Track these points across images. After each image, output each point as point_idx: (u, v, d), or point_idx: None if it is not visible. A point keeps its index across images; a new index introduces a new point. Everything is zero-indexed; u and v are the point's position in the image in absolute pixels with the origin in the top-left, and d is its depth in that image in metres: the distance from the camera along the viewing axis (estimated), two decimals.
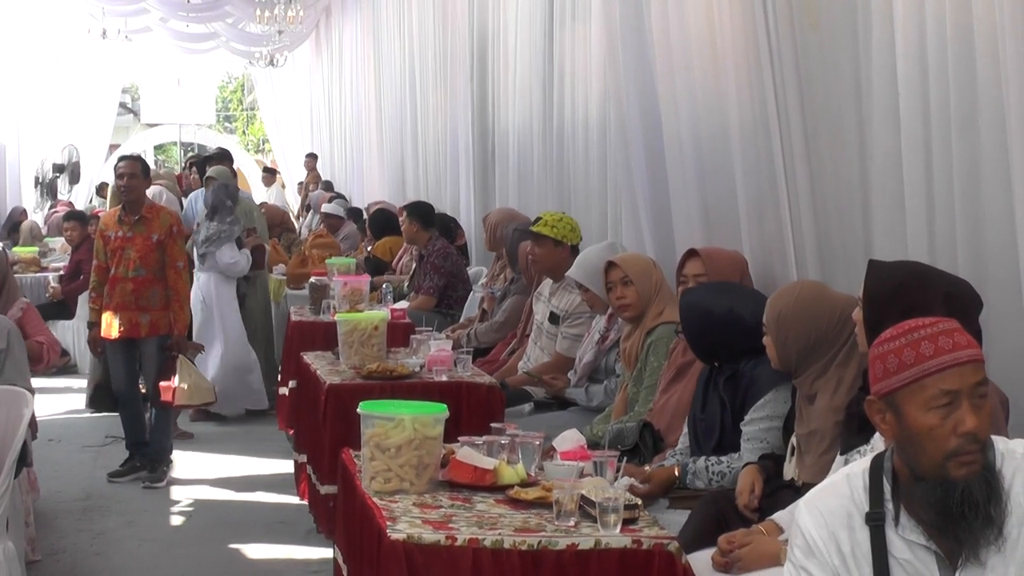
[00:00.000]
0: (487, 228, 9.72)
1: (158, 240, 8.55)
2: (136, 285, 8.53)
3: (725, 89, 6.34)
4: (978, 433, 2.82)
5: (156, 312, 8.57)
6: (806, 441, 4.43)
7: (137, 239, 8.55)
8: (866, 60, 5.12)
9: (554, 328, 7.52)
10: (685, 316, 5.25)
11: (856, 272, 5.04)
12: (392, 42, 17.33)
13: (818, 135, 5.52)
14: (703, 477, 4.92)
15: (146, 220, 8.59)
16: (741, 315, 4.98)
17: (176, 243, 8.65)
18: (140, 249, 8.54)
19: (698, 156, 6.70)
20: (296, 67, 25.43)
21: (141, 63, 29.25)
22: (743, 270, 5.91)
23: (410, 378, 6.60)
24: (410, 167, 16.10)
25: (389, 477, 4.33)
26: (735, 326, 4.98)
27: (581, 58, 8.86)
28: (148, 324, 8.57)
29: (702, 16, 6.54)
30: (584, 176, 8.81)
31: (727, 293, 5.22)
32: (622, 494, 4.02)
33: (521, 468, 4.48)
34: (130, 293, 8.53)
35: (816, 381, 4.45)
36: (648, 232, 7.35)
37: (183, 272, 8.69)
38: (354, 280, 8.96)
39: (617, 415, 6.12)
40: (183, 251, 8.80)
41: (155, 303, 8.56)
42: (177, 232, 8.69)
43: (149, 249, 8.55)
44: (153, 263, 8.56)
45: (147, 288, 8.55)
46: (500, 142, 11.40)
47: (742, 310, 4.99)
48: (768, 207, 6.02)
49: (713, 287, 5.39)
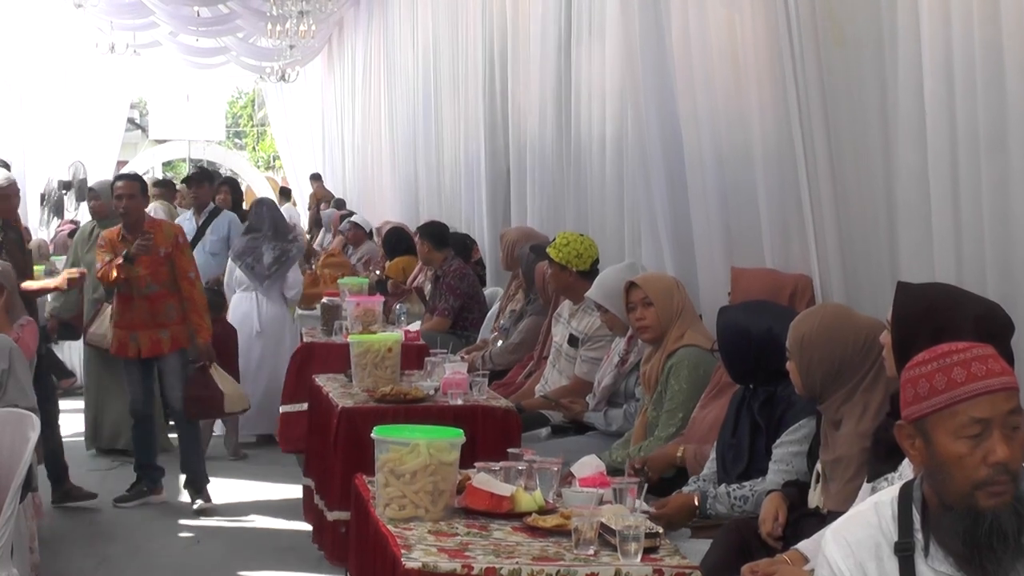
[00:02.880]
0: (504, 246, 9.74)
1: (165, 254, 8.54)
2: (151, 302, 8.53)
3: (748, 106, 6.33)
4: (1009, 463, 2.81)
5: (175, 326, 8.57)
6: (832, 468, 4.41)
7: (143, 257, 8.49)
8: (892, 77, 5.11)
9: (573, 351, 7.51)
10: (722, 335, 5.23)
11: (882, 294, 5.04)
12: (405, 58, 17.37)
13: (843, 154, 5.51)
14: (724, 503, 4.91)
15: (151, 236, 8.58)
16: (779, 335, 4.93)
17: (184, 253, 8.66)
18: (148, 266, 8.49)
19: (720, 174, 6.70)
20: (308, 82, 25.47)
21: (150, 78, 29.30)
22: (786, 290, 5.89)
23: (424, 401, 6.59)
24: (423, 185, 16.11)
25: (404, 504, 4.33)
26: (773, 346, 4.92)
27: (598, 74, 8.86)
28: (170, 339, 8.56)
29: (724, 32, 6.54)
30: (601, 194, 8.81)
31: (765, 312, 5.18)
32: (643, 522, 4.01)
33: (539, 495, 4.47)
34: (147, 311, 8.52)
35: (842, 407, 4.44)
36: (668, 252, 7.35)
37: (197, 281, 8.72)
38: (367, 300, 8.96)
39: (637, 440, 6.12)
40: (192, 260, 8.82)
41: (172, 317, 8.56)
42: (183, 242, 8.71)
43: (158, 264, 8.52)
44: (164, 277, 8.55)
45: (163, 303, 8.54)
46: (516, 160, 11.40)
47: (780, 330, 4.94)
48: (792, 227, 6.01)
49: (751, 306, 5.36)
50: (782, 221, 6.11)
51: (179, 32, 22.09)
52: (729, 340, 5.18)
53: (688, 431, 5.71)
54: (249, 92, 43.67)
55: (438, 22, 15.06)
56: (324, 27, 22.06)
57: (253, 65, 24.07)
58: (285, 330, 10.47)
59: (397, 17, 18.03)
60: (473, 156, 13.04)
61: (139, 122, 39.46)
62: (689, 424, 5.76)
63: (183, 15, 20.64)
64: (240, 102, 47.25)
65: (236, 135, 47.71)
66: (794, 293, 5.75)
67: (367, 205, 20.47)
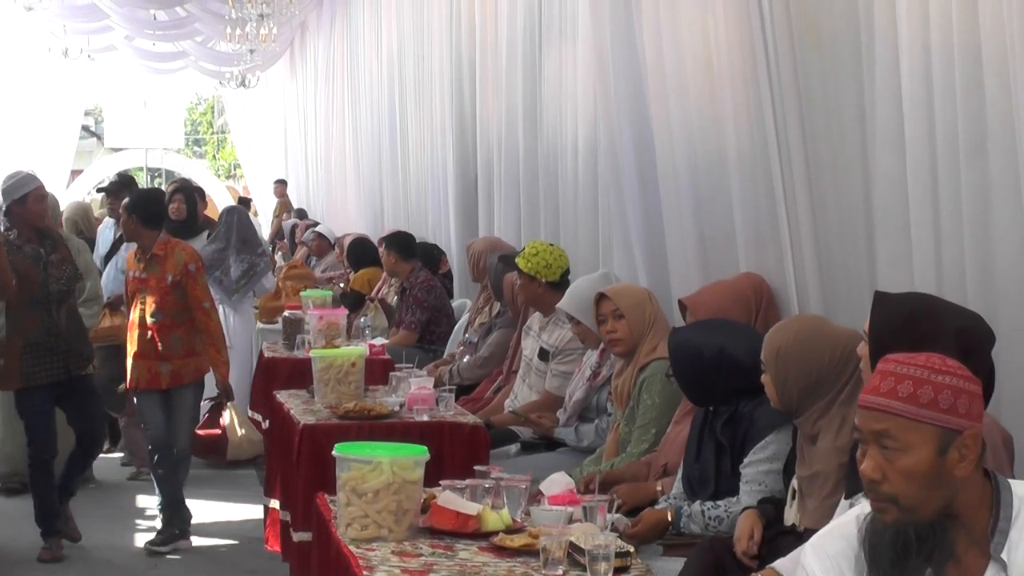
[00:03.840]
0: (470, 257, 9.73)
1: (174, 281, 8.05)
2: (154, 332, 8.07)
3: (722, 112, 6.35)
4: (871, 479, 2.91)
5: (178, 360, 8.10)
6: (808, 484, 4.43)
7: (151, 280, 8.10)
8: (869, 82, 5.13)
9: (544, 365, 7.51)
10: (674, 358, 5.24)
11: (860, 304, 5.06)
12: (370, 62, 17.36)
13: (819, 160, 5.53)
14: (699, 522, 4.91)
15: (158, 258, 8.11)
16: (733, 354, 4.97)
17: (196, 281, 8.12)
18: (155, 291, 8.08)
19: (694, 182, 6.72)
20: (269, 88, 25.42)
21: (105, 84, 29.24)
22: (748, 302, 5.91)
23: (389, 418, 6.59)
24: (389, 194, 16.10)
25: (366, 524, 4.33)
26: (728, 365, 4.96)
27: (569, 79, 8.87)
28: (169, 374, 8.10)
29: (697, 35, 6.56)
30: (573, 203, 8.82)
31: (717, 331, 5.19)
32: (613, 541, 4.01)
33: (506, 514, 4.48)
34: (149, 340, 8.07)
35: (818, 421, 4.45)
36: (641, 262, 7.36)
37: (212, 311, 8.21)
38: (330, 313, 8.95)
39: (609, 456, 6.12)
40: (206, 290, 8.29)
41: (177, 350, 8.10)
42: (196, 269, 8.14)
43: (165, 291, 8.08)
44: (171, 306, 8.08)
45: (167, 335, 8.07)
46: (484, 167, 11.40)
47: (734, 348, 4.98)
48: (767, 235, 6.03)
49: (701, 325, 5.38)
50: (757, 229, 6.12)
51: (135, 36, 22.02)
52: (682, 362, 5.17)
53: (661, 447, 5.71)
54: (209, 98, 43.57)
55: (403, 25, 15.06)
56: (286, 30, 22.02)
57: (212, 70, 24.01)
58: (253, 344, 10.39)
59: (361, 20, 18.01)
60: (440, 164, 13.04)
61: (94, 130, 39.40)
62: (662, 440, 5.76)
63: (139, 18, 20.59)
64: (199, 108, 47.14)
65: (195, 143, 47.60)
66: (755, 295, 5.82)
67: (331, 215, 20.45)
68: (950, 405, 2.89)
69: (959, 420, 2.89)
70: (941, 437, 2.89)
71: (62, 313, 7.88)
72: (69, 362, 7.90)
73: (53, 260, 7.89)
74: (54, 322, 7.84)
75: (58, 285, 7.87)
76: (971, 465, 2.91)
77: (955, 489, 2.91)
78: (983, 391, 3.90)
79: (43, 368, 7.82)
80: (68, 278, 7.95)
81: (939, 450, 2.88)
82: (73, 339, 7.91)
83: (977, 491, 2.95)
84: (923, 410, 2.89)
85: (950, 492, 2.91)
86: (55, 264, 7.89)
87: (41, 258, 7.86)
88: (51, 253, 7.90)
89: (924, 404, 2.89)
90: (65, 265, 7.94)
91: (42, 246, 7.91)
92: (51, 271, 7.85)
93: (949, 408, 2.89)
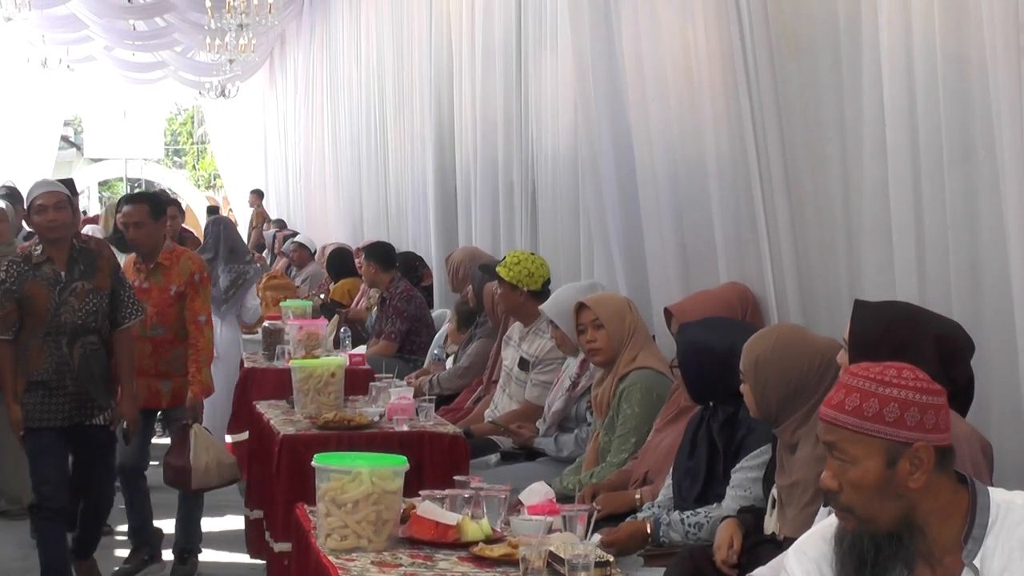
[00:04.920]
0: (449, 268, 9.73)
1: (177, 292, 7.53)
2: (155, 346, 7.52)
3: (701, 119, 6.36)
4: (828, 488, 2.98)
5: (180, 378, 7.54)
6: (788, 493, 4.42)
7: (153, 290, 7.54)
8: (849, 89, 5.14)
9: (524, 374, 7.51)
10: (684, 353, 5.22)
11: (840, 313, 5.07)
12: (349, 72, 17.36)
13: (799, 168, 5.54)
14: (679, 530, 4.91)
15: (163, 268, 7.58)
16: None
17: (199, 294, 7.56)
18: (157, 303, 7.51)
19: (673, 190, 6.72)
20: (249, 98, 25.42)
21: (84, 94, 29.23)
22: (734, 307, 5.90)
23: (369, 428, 6.58)
24: (369, 204, 16.10)
25: (346, 534, 4.31)
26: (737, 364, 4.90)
27: (549, 87, 8.88)
28: (170, 393, 7.58)
29: (677, 43, 6.57)
30: (553, 212, 8.82)
31: (729, 329, 5.17)
32: (592, 551, 4.01)
33: (486, 523, 4.46)
34: (148, 356, 7.47)
35: (797, 430, 4.44)
36: (621, 270, 7.36)
37: (205, 327, 7.56)
38: (310, 324, 8.92)
39: (588, 466, 6.11)
40: (207, 304, 7.67)
41: (178, 367, 7.56)
42: (201, 280, 7.60)
43: (167, 303, 7.53)
44: (173, 319, 7.54)
45: (168, 350, 7.55)
46: (464, 177, 11.40)
47: None
48: (747, 243, 6.03)
49: (714, 323, 5.36)
50: (737, 237, 6.13)
51: (115, 46, 22.04)
52: (691, 358, 5.16)
53: (642, 456, 5.71)
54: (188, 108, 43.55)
55: (382, 35, 15.06)
56: (265, 41, 22.04)
57: (192, 80, 24.02)
58: (239, 355, 10.33)
59: (340, 30, 18.02)
60: (420, 173, 13.04)
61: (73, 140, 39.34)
62: (643, 449, 5.76)
63: (118, 28, 20.60)
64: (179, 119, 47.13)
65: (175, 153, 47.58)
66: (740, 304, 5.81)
67: (311, 225, 20.44)
68: (896, 418, 2.91)
69: (907, 433, 2.91)
70: (888, 450, 2.91)
71: (76, 350, 6.76)
72: (76, 408, 6.82)
73: (77, 288, 6.74)
74: (64, 359, 6.75)
75: (74, 317, 6.74)
76: (924, 476, 2.92)
77: (913, 500, 2.93)
78: (963, 399, 3.91)
79: (47, 410, 6.79)
80: (91, 312, 6.78)
81: (887, 463, 2.91)
82: (87, 382, 6.79)
83: (945, 500, 2.96)
84: (866, 423, 2.92)
85: (906, 503, 2.93)
86: (78, 293, 6.74)
87: (59, 282, 6.74)
88: (79, 279, 6.77)
89: (868, 417, 2.92)
90: (94, 296, 6.79)
91: (71, 268, 6.80)
92: (68, 299, 6.73)
93: (895, 421, 2.91)
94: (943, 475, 2.94)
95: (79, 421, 6.84)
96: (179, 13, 19.49)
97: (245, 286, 10.22)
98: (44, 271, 6.77)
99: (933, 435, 2.92)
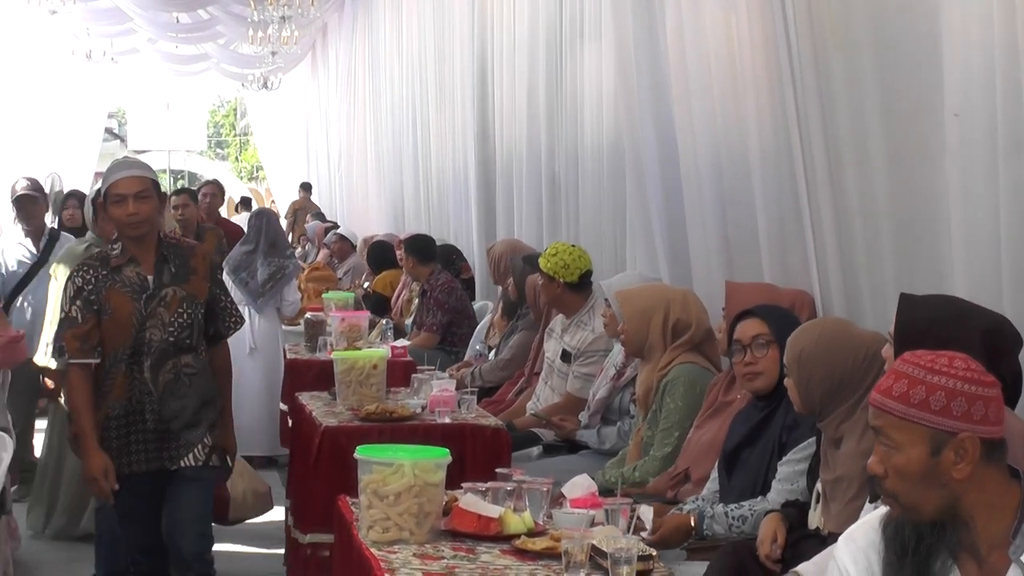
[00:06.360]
0: (491, 260, 9.72)
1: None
2: None
3: (745, 112, 6.33)
4: (875, 473, 2.98)
5: None
6: (832, 488, 4.40)
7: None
8: (895, 81, 5.10)
9: (566, 367, 7.49)
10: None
11: (884, 307, 5.03)
12: (391, 64, 17.39)
13: (843, 161, 5.49)
14: (722, 523, 4.88)
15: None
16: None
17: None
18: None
19: (717, 182, 6.70)
20: (291, 90, 25.50)
21: (128, 86, 29.35)
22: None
23: (411, 420, 6.57)
24: (410, 196, 16.12)
25: (388, 526, 4.31)
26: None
27: (592, 79, 8.86)
28: None
29: (720, 35, 6.54)
30: (595, 205, 8.80)
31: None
32: (635, 544, 4.00)
33: (528, 516, 4.46)
34: None
35: (842, 424, 4.42)
36: (664, 263, 7.34)
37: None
38: (352, 316, 8.93)
39: (631, 459, 6.09)
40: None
41: None
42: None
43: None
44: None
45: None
46: (506, 168, 11.40)
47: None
48: (791, 237, 6.00)
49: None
50: (780, 231, 6.10)
51: (158, 39, 22.11)
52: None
53: (683, 452, 5.69)
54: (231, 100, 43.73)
55: (424, 27, 15.07)
56: (307, 33, 22.08)
57: (235, 72, 24.10)
58: (279, 347, 10.34)
59: (382, 22, 18.04)
60: (461, 165, 13.04)
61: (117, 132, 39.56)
62: (684, 445, 5.73)
63: (162, 21, 20.66)
64: (222, 111, 47.30)
65: (218, 145, 47.77)
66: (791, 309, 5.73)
67: (352, 217, 20.48)
68: (942, 407, 2.89)
69: (952, 422, 2.89)
70: (933, 438, 2.90)
71: (162, 375, 5.50)
72: (158, 450, 5.56)
73: (167, 296, 5.49)
74: (144, 387, 5.50)
75: (163, 333, 5.49)
76: (969, 467, 2.90)
77: (957, 491, 2.92)
78: (1011, 394, 3.87)
79: (125, 451, 5.53)
80: (185, 326, 5.52)
81: (931, 451, 2.90)
82: (172, 417, 5.52)
83: (993, 493, 2.94)
84: (912, 410, 2.91)
85: (950, 493, 2.92)
86: (169, 302, 5.50)
87: (146, 289, 5.49)
88: (170, 284, 5.53)
89: (914, 404, 2.91)
90: (188, 306, 5.53)
91: (159, 271, 5.54)
92: (156, 310, 5.47)
93: (940, 410, 2.89)
94: (992, 468, 2.92)
95: (161, 467, 5.55)
96: (222, 6, 19.53)
97: (284, 280, 10.23)
98: (126, 275, 5.49)
99: (981, 426, 2.90)
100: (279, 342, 10.34)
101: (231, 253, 10.42)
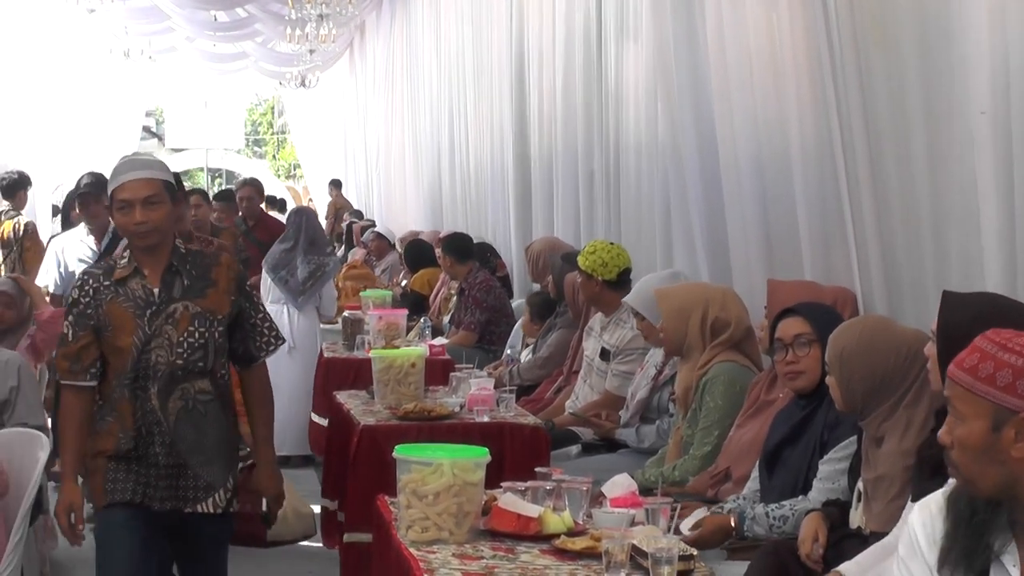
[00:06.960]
0: (529, 258, 9.71)
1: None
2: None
3: (786, 109, 6.31)
4: (942, 441, 2.99)
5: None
6: (873, 487, 4.38)
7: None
8: (936, 78, 5.07)
9: (605, 365, 7.48)
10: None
11: (926, 305, 5.00)
12: (429, 62, 17.40)
13: (884, 158, 5.47)
14: (763, 523, 4.86)
15: None
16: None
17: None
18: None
19: (758, 180, 6.67)
20: (329, 88, 25.54)
21: (166, 85, 29.47)
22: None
23: (449, 419, 6.58)
24: (447, 194, 16.14)
25: (427, 526, 4.31)
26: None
27: (630, 76, 8.84)
28: None
29: (761, 32, 6.52)
30: (634, 202, 8.79)
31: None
32: (676, 544, 3.98)
33: (568, 516, 4.45)
34: None
35: (883, 423, 4.40)
36: (704, 260, 7.32)
37: None
38: (390, 314, 8.93)
39: (672, 458, 6.08)
40: None
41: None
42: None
43: None
44: None
45: None
46: (541, 167, 11.39)
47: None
48: (832, 235, 5.98)
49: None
50: (822, 229, 6.08)
51: (196, 37, 22.19)
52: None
53: (723, 451, 5.67)
54: (269, 99, 43.82)
55: (463, 26, 15.07)
56: (345, 31, 22.13)
57: (272, 71, 24.16)
58: (318, 345, 10.35)
59: (420, 20, 18.06)
60: (499, 163, 13.04)
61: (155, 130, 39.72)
62: (724, 444, 5.72)
63: (200, 19, 20.74)
64: (259, 109, 47.42)
65: (255, 143, 47.89)
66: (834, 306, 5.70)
67: (390, 215, 20.51)
68: (1007, 384, 2.88)
69: (1016, 400, 2.87)
70: (995, 413, 2.89)
71: (171, 403, 4.81)
72: (170, 489, 4.85)
73: (175, 312, 4.80)
74: (153, 416, 4.80)
75: (170, 354, 4.79)
76: None
77: (1016, 470, 2.90)
78: None
79: (122, 481, 4.84)
80: (196, 346, 4.81)
81: (992, 426, 2.89)
82: (187, 451, 4.82)
83: None
84: (978, 383, 2.91)
85: (1008, 472, 2.90)
86: (178, 319, 4.80)
87: (151, 304, 4.80)
88: (181, 298, 4.82)
89: (981, 378, 2.91)
90: (201, 323, 4.82)
91: (167, 283, 4.83)
92: (163, 328, 4.79)
93: (1005, 387, 2.88)
94: None
95: (175, 507, 4.87)
96: (260, 4, 19.59)
97: (324, 278, 10.25)
98: (130, 288, 4.81)
99: None
100: (317, 341, 10.36)
101: (270, 250, 10.45)
